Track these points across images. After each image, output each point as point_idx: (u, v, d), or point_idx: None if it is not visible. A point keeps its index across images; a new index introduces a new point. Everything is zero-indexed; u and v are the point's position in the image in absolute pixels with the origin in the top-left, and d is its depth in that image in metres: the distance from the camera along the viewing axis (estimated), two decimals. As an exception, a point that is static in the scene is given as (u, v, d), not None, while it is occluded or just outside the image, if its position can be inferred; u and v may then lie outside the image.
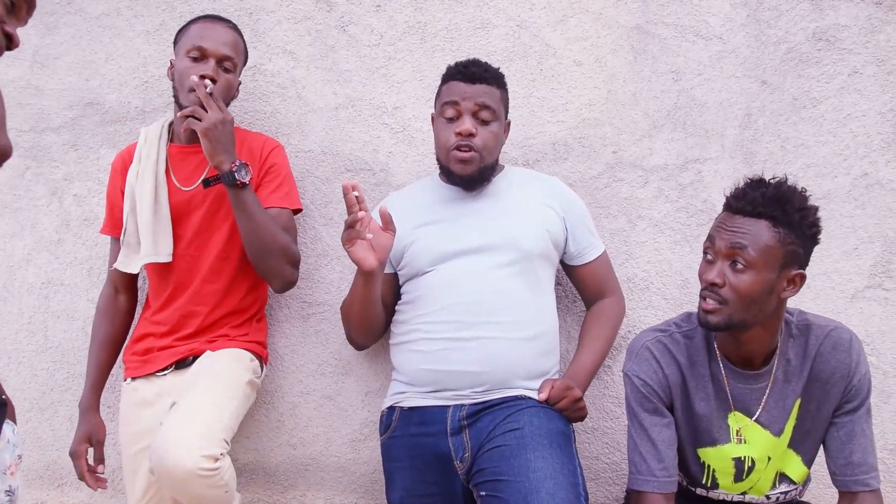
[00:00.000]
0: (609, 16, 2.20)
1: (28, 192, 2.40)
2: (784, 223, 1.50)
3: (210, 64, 1.97)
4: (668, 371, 1.68)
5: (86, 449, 2.04)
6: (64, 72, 2.39)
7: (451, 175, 1.95)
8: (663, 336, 1.71)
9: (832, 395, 1.64)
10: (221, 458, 1.75)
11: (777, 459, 1.68)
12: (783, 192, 1.52)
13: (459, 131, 1.88)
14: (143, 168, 2.06)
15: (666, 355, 1.69)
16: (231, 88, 2.04)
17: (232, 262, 2.07)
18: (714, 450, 1.70)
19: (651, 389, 1.68)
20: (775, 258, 1.51)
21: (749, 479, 1.70)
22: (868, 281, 2.13)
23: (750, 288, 1.51)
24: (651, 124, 2.20)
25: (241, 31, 2.11)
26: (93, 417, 2.08)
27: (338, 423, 2.27)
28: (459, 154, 1.89)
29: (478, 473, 1.80)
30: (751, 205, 1.51)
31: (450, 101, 1.91)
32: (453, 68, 1.95)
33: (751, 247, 1.50)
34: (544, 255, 1.95)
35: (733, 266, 1.52)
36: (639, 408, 1.69)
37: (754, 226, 1.51)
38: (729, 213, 1.56)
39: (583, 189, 2.19)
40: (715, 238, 1.56)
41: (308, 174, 2.29)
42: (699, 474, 1.74)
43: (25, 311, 2.40)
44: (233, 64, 2.02)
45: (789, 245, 1.51)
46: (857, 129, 2.13)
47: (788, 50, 2.15)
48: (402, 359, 1.96)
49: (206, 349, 2.04)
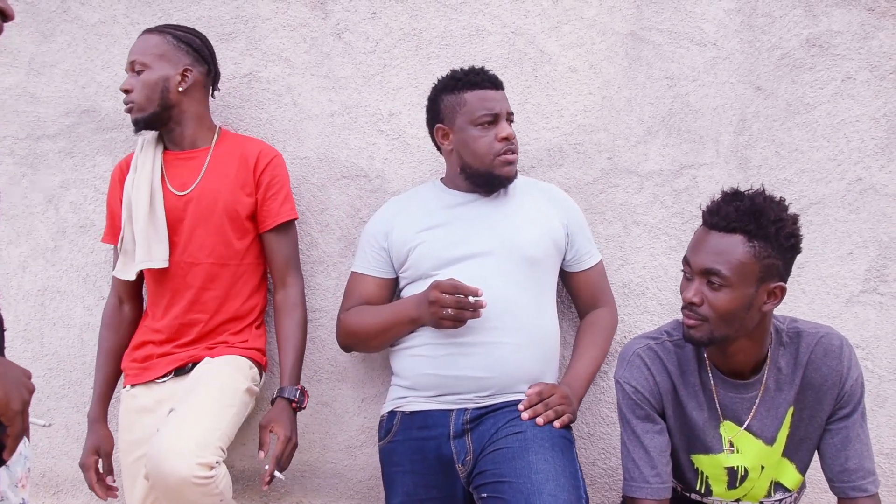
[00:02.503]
0: (603, 22, 2.21)
1: (24, 199, 2.40)
2: (759, 237, 1.48)
3: (128, 77, 2.08)
4: (658, 378, 1.68)
5: (95, 460, 2.03)
6: (60, 79, 2.40)
7: (493, 180, 1.96)
8: (654, 343, 1.71)
9: (825, 402, 1.63)
10: (217, 465, 1.75)
11: (771, 468, 1.68)
12: (758, 204, 1.50)
13: (506, 136, 1.92)
14: (138, 176, 2.07)
15: (657, 363, 1.69)
16: (148, 86, 2.06)
17: (230, 269, 2.08)
18: (707, 457, 1.70)
19: (642, 396, 1.68)
20: (751, 273, 1.49)
21: (742, 487, 1.70)
22: (863, 286, 2.13)
23: (727, 305, 1.50)
24: (646, 130, 2.20)
25: (179, 26, 2.15)
26: (101, 429, 2.08)
27: (334, 429, 2.27)
28: (508, 157, 1.93)
29: (479, 476, 1.81)
30: (724, 220, 1.50)
31: (486, 109, 1.93)
32: (472, 77, 1.96)
33: (724, 266, 1.49)
34: (547, 261, 1.96)
35: (710, 285, 1.51)
36: (631, 415, 1.69)
37: (728, 242, 1.49)
38: (704, 228, 1.55)
39: (578, 195, 2.20)
40: (689, 259, 1.55)
41: (304, 181, 2.29)
42: (693, 480, 1.74)
43: (21, 319, 2.39)
44: (140, 63, 2.05)
45: (765, 259, 1.49)
46: (850, 134, 2.14)
47: (782, 56, 2.16)
48: (405, 363, 1.96)
49: (206, 356, 2.04)
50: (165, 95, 2.06)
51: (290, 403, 2.01)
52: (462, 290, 1.80)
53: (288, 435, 1.95)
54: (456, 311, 1.80)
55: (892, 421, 2.12)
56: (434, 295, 1.82)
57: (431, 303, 1.83)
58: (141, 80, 2.04)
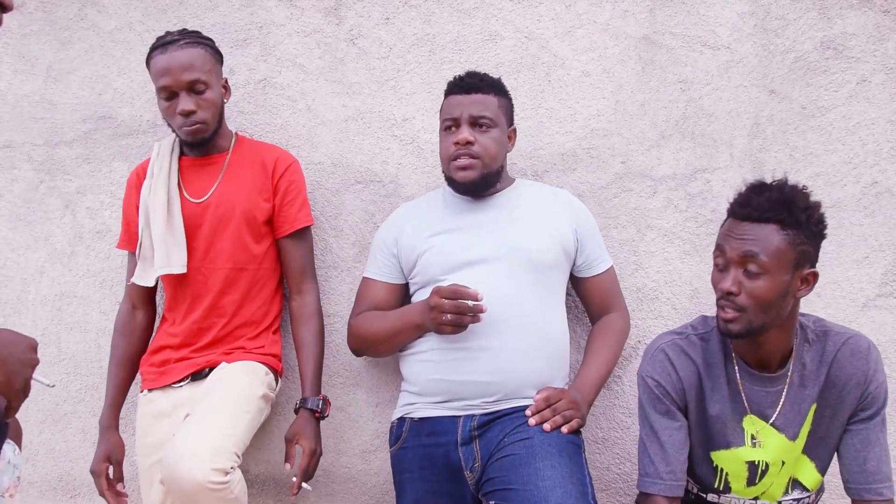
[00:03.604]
0: (617, 27, 2.21)
1: (42, 204, 2.42)
2: (792, 224, 1.51)
3: (183, 98, 1.99)
4: (682, 373, 1.68)
5: (106, 468, 2.04)
6: (77, 86, 2.42)
7: (454, 184, 1.97)
8: (679, 339, 1.71)
9: (848, 401, 1.63)
10: (232, 471, 1.76)
11: (791, 464, 1.68)
12: (787, 193, 1.53)
13: (457, 140, 1.91)
14: (155, 182, 2.08)
15: (682, 357, 1.69)
16: (215, 103, 2.05)
17: (247, 274, 2.09)
18: (728, 452, 1.69)
19: (664, 391, 1.68)
20: (788, 260, 1.51)
21: (762, 484, 1.69)
22: (879, 290, 2.12)
23: (767, 293, 1.52)
24: (659, 134, 2.20)
25: (200, 34, 2.07)
26: (112, 436, 2.09)
27: (348, 433, 2.28)
28: (459, 162, 1.92)
29: (487, 483, 1.80)
30: (757, 210, 1.52)
31: (448, 114, 1.95)
32: (451, 83, 1.99)
33: (763, 253, 1.50)
34: (556, 266, 1.96)
35: (747, 273, 1.53)
36: (651, 409, 1.69)
37: (763, 231, 1.51)
38: (735, 220, 1.56)
39: (592, 199, 2.19)
40: (724, 247, 1.56)
41: (318, 186, 2.30)
42: (711, 477, 1.73)
43: (39, 323, 2.42)
44: (202, 83, 2.01)
45: (799, 245, 1.52)
46: (866, 137, 2.13)
47: (796, 59, 2.16)
48: (413, 369, 1.96)
49: (222, 360, 2.05)
50: (221, 111, 2.09)
51: (313, 414, 2.04)
52: (462, 294, 1.80)
53: (313, 447, 2.00)
54: (455, 317, 1.81)
55: (909, 426, 2.11)
56: (434, 300, 1.83)
57: (431, 308, 1.84)
58: (206, 98, 2.02)
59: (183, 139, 2.06)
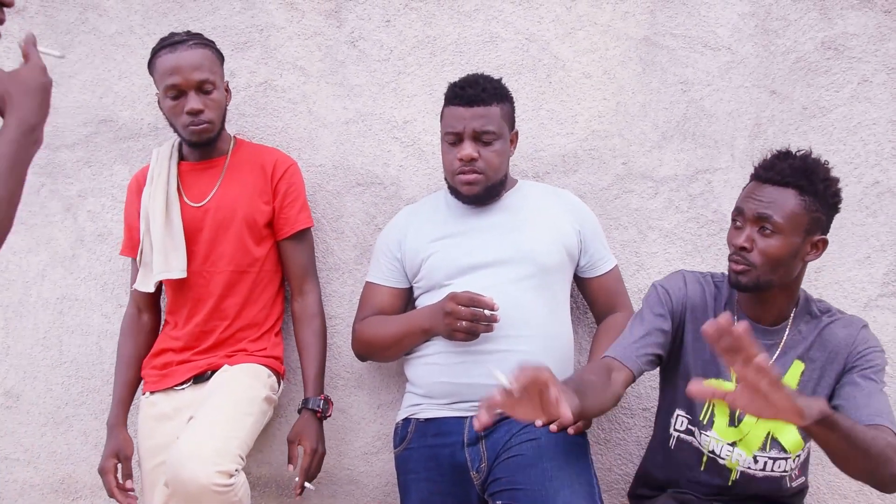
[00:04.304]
0: (617, 28, 2.21)
1: (43, 208, 2.42)
2: (809, 192, 1.60)
3: (191, 97, 1.98)
4: (690, 293, 1.78)
5: (114, 465, 2.03)
6: (78, 90, 2.42)
7: (458, 195, 1.97)
8: (699, 274, 1.83)
9: (835, 364, 1.69)
10: (236, 473, 1.76)
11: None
12: (809, 163, 1.62)
13: (461, 157, 1.90)
14: (154, 188, 2.08)
15: (695, 283, 1.80)
16: (221, 104, 2.06)
17: (249, 276, 2.09)
18: (717, 382, 1.73)
19: (668, 297, 1.77)
20: (800, 224, 1.60)
21: (740, 429, 1.72)
22: (881, 290, 2.12)
23: (777, 252, 1.60)
24: (660, 135, 2.20)
25: (205, 37, 2.08)
26: (120, 433, 2.09)
27: (350, 435, 2.28)
28: (464, 177, 1.91)
29: (494, 483, 1.81)
30: (779, 174, 1.61)
31: (450, 127, 1.92)
32: (451, 91, 1.94)
33: (778, 213, 1.59)
34: (560, 269, 1.96)
35: (762, 231, 1.61)
36: (647, 308, 1.78)
37: (781, 194, 1.60)
38: (758, 182, 1.65)
39: (593, 200, 2.19)
40: (743, 207, 1.65)
41: (319, 188, 2.30)
42: (699, 408, 1.76)
43: (40, 326, 2.42)
44: (211, 83, 2.01)
45: (814, 213, 1.61)
46: (867, 137, 2.13)
47: (797, 59, 2.16)
48: (419, 371, 1.96)
49: (225, 363, 2.05)
50: (225, 111, 2.09)
51: (314, 414, 2.04)
52: (478, 302, 1.81)
53: (314, 447, 2.01)
54: (470, 325, 1.81)
55: (912, 426, 2.10)
56: (450, 306, 1.83)
57: (447, 314, 1.83)
58: (213, 99, 2.02)
59: (187, 139, 2.05)
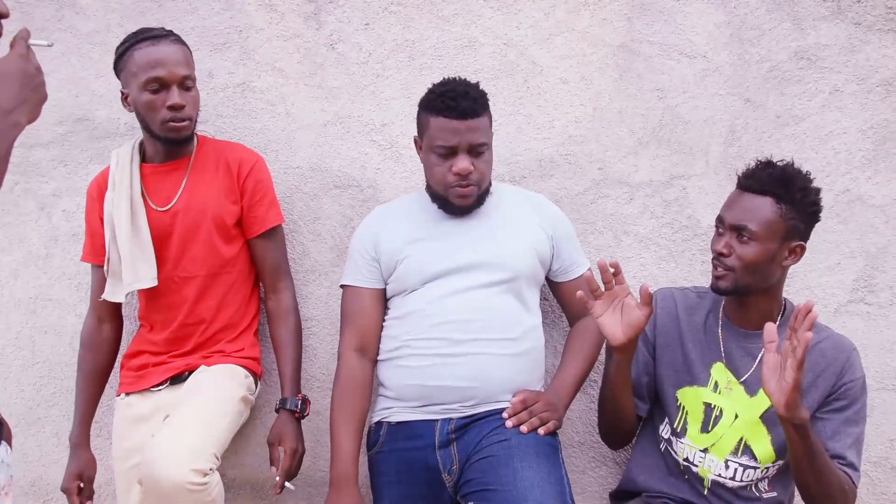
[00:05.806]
0: (595, 34, 2.23)
1: (16, 206, 2.40)
2: (786, 200, 1.67)
3: (174, 92, 1.94)
4: (659, 310, 1.88)
5: (77, 486, 2.03)
6: (54, 88, 2.39)
7: (448, 206, 1.94)
8: (676, 290, 1.93)
9: (820, 386, 1.72)
10: (210, 473, 1.75)
11: (744, 423, 1.75)
12: (788, 172, 1.69)
13: (458, 171, 1.85)
14: (117, 194, 2.02)
15: (667, 302, 1.89)
16: (198, 103, 2.03)
17: (222, 278, 2.07)
18: (692, 390, 1.81)
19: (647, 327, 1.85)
20: (777, 231, 1.67)
21: (714, 433, 1.76)
22: (850, 296, 2.15)
23: (754, 257, 1.68)
24: (636, 141, 2.22)
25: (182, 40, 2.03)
26: (84, 453, 2.07)
27: (325, 438, 2.26)
28: (460, 191, 1.89)
29: (466, 484, 1.81)
30: (757, 183, 1.69)
31: (443, 140, 1.85)
32: (440, 101, 1.85)
33: (754, 222, 1.67)
34: (532, 274, 1.97)
35: (739, 238, 1.69)
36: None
37: (759, 202, 1.68)
38: (739, 190, 1.73)
39: (569, 205, 2.21)
40: (724, 216, 1.73)
41: (296, 190, 2.30)
42: (674, 416, 1.83)
43: (13, 326, 2.39)
44: (192, 80, 1.99)
45: (790, 220, 1.68)
46: (838, 145, 2.16)
47: (771, 68, 2.19)
48: (390, 374, 1.96)
49: (202, 364, 2.04)
50: (199, 109, 2.06)
51: (292, 414, 2.04)
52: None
53: (294, 447, 2.01)
54: None
55: (879, 430, 2.14)
56: None
57: None
58: (192, 95, 1.98)
59: (164, 136, 1.98)
